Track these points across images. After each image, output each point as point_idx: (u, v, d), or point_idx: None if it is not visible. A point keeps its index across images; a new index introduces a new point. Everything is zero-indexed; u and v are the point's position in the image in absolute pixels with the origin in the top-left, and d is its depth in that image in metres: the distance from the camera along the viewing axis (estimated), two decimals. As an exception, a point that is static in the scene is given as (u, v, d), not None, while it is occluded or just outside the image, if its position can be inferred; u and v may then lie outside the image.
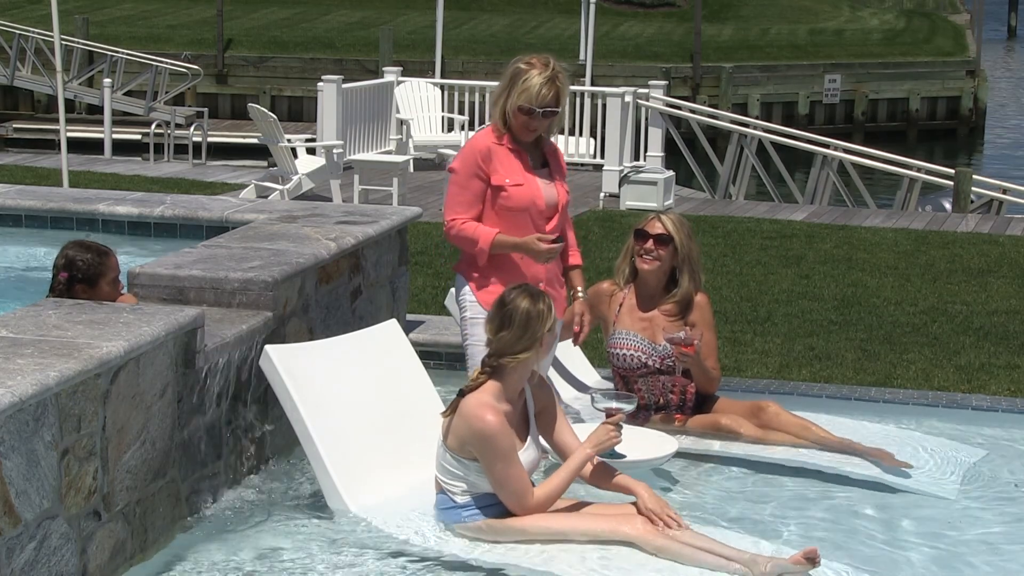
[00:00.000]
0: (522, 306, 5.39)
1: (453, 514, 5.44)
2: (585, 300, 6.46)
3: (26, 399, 4.34)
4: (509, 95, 6.10)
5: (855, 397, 7.65)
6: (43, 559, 4.54)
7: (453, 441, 5.39)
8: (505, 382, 5.41)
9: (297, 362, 5.82)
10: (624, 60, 30.72)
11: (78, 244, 5.97)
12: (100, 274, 5.86)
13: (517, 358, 5.39)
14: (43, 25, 24.73)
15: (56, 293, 5.85)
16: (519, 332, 5.37)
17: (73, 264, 5.85)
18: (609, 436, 5.50)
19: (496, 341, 5.43)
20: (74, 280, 5.84)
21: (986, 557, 5.59)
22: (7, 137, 26.34)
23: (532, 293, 5.45)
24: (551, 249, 6.13)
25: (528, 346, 5.38)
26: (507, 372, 5.41)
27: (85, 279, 5.84)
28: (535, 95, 6.06)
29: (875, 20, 39.05)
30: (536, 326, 5.38)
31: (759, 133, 17.90)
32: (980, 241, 13.57)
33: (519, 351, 5.38)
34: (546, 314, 5.40)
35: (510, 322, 5.39)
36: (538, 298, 5.43)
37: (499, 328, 5.42)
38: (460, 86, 18.82)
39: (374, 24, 33.49)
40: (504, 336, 5.40)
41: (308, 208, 7.71)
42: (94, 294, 5.81)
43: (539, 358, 5.48)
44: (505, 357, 5.39)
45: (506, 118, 6.14)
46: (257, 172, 17.48)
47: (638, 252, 6.77)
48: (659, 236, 6.73)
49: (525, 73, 6.08)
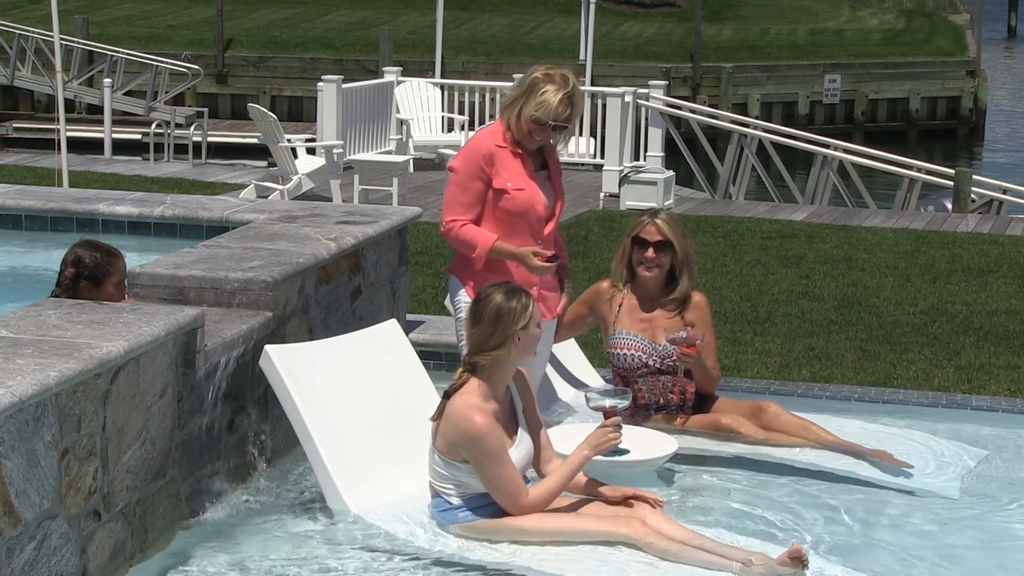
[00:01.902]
0: (494, 302, 5.36)
1: (449, 516, 5.44)
2: (569, 292, 6.48)
3: (26, 399, 4.34)
4: (526, 103, 6.11)
5: (855, 397, 7.65)
6: (43, 559, 4.54)
7: (442, 444, 5.38)
8: (490, 381, 5.39)
9: (297, 362, 5.81)
10: (624, 60, 30.72)
11: (88, 243, 6.00)
12: (107, 274, 5.87)
13: (489, 355, 5.35)
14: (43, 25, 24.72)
15: (61, 289, 5.86)
16: (489, 328, 5.34)
17: (81, 261, 5.87)
18: (607, 437, 5.47)
19: (469, 337, 5.43)
20: (80, 277, 5.85)
21: (986, 557, 5.58)
22: (7, 137, 26.34)
23: (509, 290, 5.42)
24: (544, 267, 6.15)
25: (499, 343, 5.34)
26: (489, 370, 5.39)
27: (91, 277, 5.85)
28: (551, 110, 6.09)
29: (875, 20, 39.05)
30: (507, 323, 5.32)
31: (759, 133, 17.90)
32: (980, 241, 13.57)
33: (490, 348, 5.34)
34: (519, 312, 5.34)
35: (480, 318, 5.38)
36: (513, 295, 5.38)
37: (472, 324, 5.41)
38: (460, 86, 18.82)
39: (374, 24, 33.49)
40: (475, 332, 5.39)
41: (308, 208, 7.70)
42: (98, 294, 5.82)
43: (519, 356, 5.42)
44: (478, 354, 5.37)
45: (517, 122, 6.14)
46: (257, 172, 17.48)
47: (638, 261, 6.75)
48: (658, 243, 6.71)
49: (544, 86, 6.10)
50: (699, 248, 11.79)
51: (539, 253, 6.14)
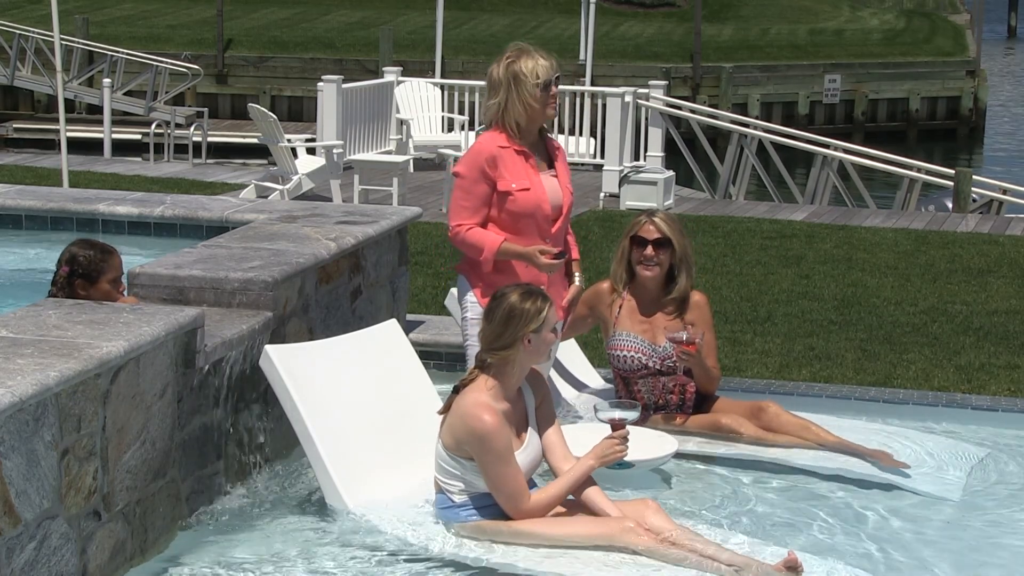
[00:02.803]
0: (508, 302, 5.35)
1: (451, 514, 5.43)
2: (579, 286, 6.47)
3: (26, 399, 4.34)
4: (519, 91, 6.11)
5: (855, 397, 7.65)
6: (43, 559, 4.54)
7: (450, 440, 5.37)
8: (502, 380, 5.38)
9: (297, 362, 5.81)
10: (624, 60, 30.72)
11: (83, 241, 6.03)
12: (101, 272, 5.88)
13: (498, 355, 5.35)
14: (43, 25, 24.73)
15: (57, 287, 5.88)
16: (500, 328, 5.33)
17: (75, 260, 5.89)
18: (614, 450, 5.46)
19: (481, 333, 5.42)
20: (75, 275, 5.87)
21: (986, 557, 5.59)
22: (7, 137, 26.35)
23: (526, 292, 5.40)
24: (552, 265, 6.15)
25: (509, 343, 5.32)
26: (499, 369, 5.38)
27: (85, 275, 5.87)
28: (546, 68, 6.14)
29: (875, 20, 39.04)
30: (518, 324, 5.31)
31: (759, 133, 17.90)
32: (980, 241, 13.57)
33: (499, 348, 5.33)
34: (532, 314, 5.32)
35: (493, 316, 5.37)
36: (529, 297, 5.36)
37: (486, 321, 5.41)
38: (460, 86, 18.81)
39: (374, 24, 33.49)
40: (486, 329, 5.38)
41: (308, 208, 7.70)
42: (94, 291, 5.83)
43: (528, 359, 5.40)
44: (488, 352, 5.37)
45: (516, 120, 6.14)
46: (257, 172, 17.47)
47: (638, 260, 6.76)
48: (657, 241, 6.71)
49: (517, 64, 6.13)
50: (699, 248, 11.80)
51: (546, 251, 6.14)
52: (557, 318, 5.60)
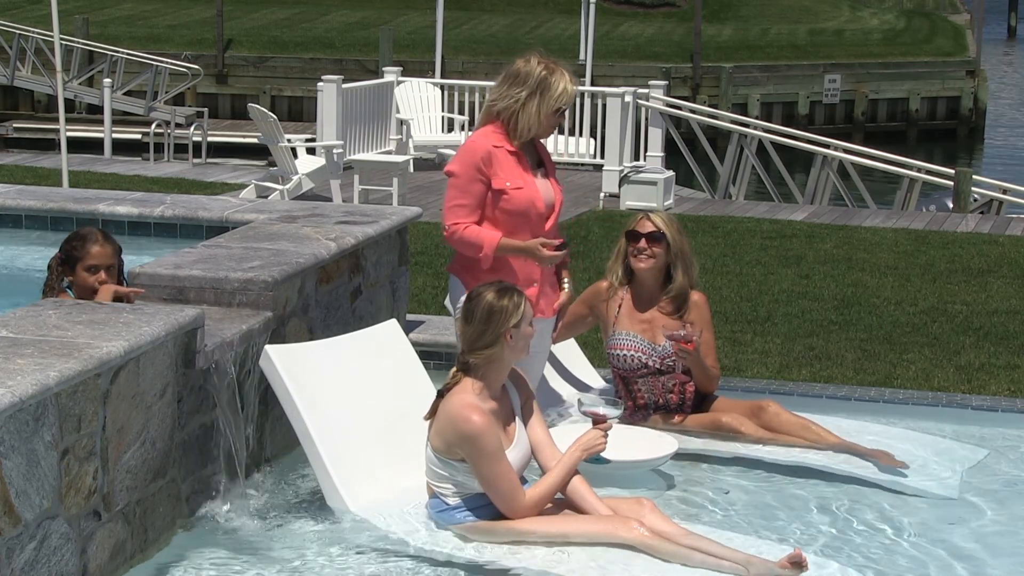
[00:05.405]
0: (486, 300, 5.36)
1: (447, 516, 5.43)
2: (569, 293, 6.47)
3: (26, 399, 4.34)
4: (541, 99, 6.12)
5: (855, 397, 7.65)
6: (43, 559, 4.54)
7: (439, 443, 5.37)
8: (485, 380, 5.39)
9: (297, 362, 5.82)
10: (624, 60, 30.72)
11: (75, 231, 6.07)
12: (76, 258, 5.91)
13: (482, 354, 5.35)
14: (43, 25, 24.72)
15: (49, 272, 5.97)
16: (481, 327, 5.34)
17: (61, 248, 5.96)
18: (598, 441, 5.48)
19: (462, 336, 5.43)
20: (60, 263, 5.94)
21: (986, 557, 5.59)
22: (7, 137, 26.33)
23: (500, 289, 5.41)
24: (555, 256, 6.16)
25: (492, 342, 5.33)
26: (483, 369, 5.38)
27: (65, 261, 5.96)
28: (569, 97, 6.19)
29: (875, 20, 39.05)
30: (498, 321, 5.32)
31: (759, 133, 17.90)
32: (980, 241, 13.57)
33: (483, 347, 5.34)
34: (511, 310, 5.33)
35: (472, 317, 5.37)
36: (505, 294, 5.37)
37: (464, 323, 5.41)
38: (460, 86, 18.81)
39: (374, 24, 33.49)
40: (467, 331, 5.38)
41: (308, 208, 7.70)
42: (75, 278, 5.89)
43: (512, 355, 5.41)
44: (471, 353, 5.37)
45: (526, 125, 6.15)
46: (257, 172, 17.47)
47: (632, 253, 6.77)
48: (651, 234, 6.73)
49: (551, 77, 6.15)
50: (699, 248, 11.80)
51: (547, 243, 6.15)
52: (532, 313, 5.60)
